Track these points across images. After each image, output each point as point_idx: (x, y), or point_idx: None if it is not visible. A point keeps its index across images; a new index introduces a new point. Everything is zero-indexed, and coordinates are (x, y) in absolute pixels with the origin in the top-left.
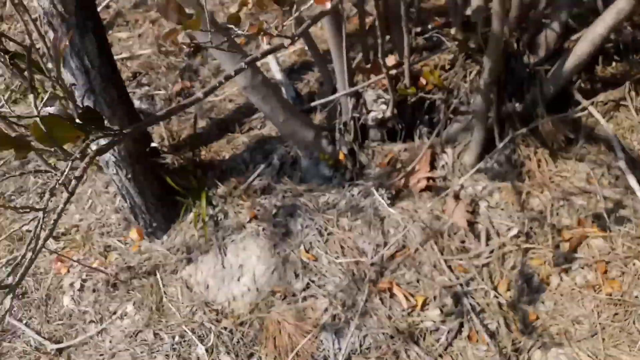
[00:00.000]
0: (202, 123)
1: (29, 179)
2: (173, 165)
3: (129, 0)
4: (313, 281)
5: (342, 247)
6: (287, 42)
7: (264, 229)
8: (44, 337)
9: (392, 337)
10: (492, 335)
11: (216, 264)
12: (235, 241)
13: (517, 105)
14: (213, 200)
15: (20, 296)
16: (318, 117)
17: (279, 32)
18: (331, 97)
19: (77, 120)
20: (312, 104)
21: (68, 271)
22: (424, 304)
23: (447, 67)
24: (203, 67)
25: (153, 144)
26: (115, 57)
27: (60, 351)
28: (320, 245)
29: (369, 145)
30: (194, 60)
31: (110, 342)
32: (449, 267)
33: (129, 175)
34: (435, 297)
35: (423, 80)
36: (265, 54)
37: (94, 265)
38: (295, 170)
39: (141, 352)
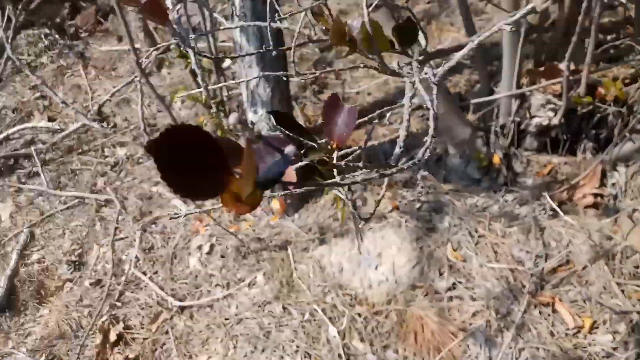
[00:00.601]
0: None
1: None
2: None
3: None
4: (460, 282)
5: (495, 252)
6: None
7: (406, 221)
8: (167, 293)
9: (555, 356)
10: None
11: (352, 248)
12: (373, 229)
13: None
14: (352, 187)
15: (146, 250)
16: (469, 118)
17: None
18: (495, 97)
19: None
20: (472, 101)
21: (204, 231)
22: (592, 326)
23: (627, 81)
24: (338, 60)
25: None
26: None
27: (182, 309)
28: (470, 247)
29: (522, 153)
30: (327, 53)
31: (236, 308)
32: (622, 291)
33: None
34: (605, 322)
35: (601, 91)
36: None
37: (231, 230)
38: (440, 168)
39: (268, 324)
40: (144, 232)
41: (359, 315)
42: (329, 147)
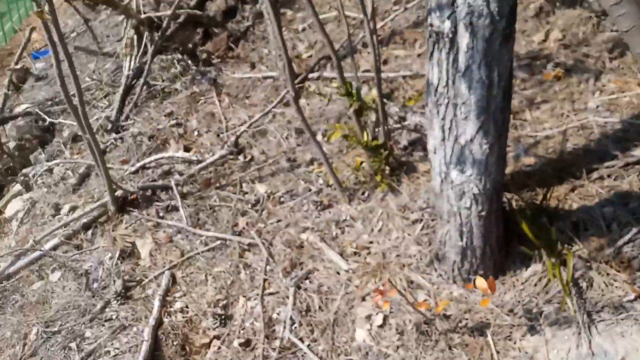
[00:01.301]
0: (526, 160)
1: (300, 183)
2: (509, 206)
3: (406, 20)
4: None
5: None
6: None
7: None
8: None
9: None
10: None
11: (579, 345)
12: (607, 322)
13: None
14: (567, 260)
15: (302, 312)
16: None
17: None
18: None
19: None
20: None
21: (387, 306)
22: None
23: None
24: None
25: None
26: (394, 74)
27: None
28: None
29: None
30: None
31: None
32: None
33: (483, 212)
34: None
35: None
36: None
37: (422, 309)
38: None
39: None
40: (297, 289)
41: None
42: None
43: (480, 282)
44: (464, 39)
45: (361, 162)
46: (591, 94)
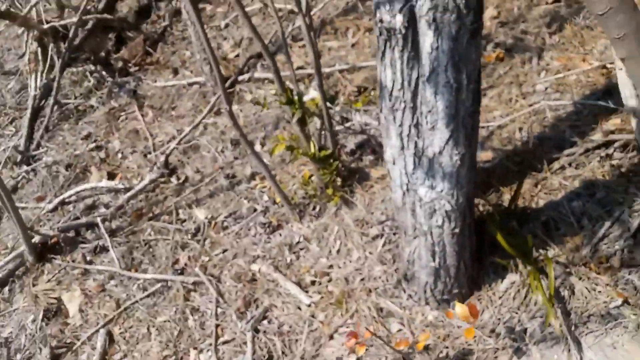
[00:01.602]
0: (484, 155)
1: (243, 203)
2: (478, 212)
3: (335, 7)
4: None
5: None
6: None
7: None
8: None
9: None
10: None
11: None
12: (595, 333)
13: None
14: (544, 267)
15: (263, 359)
16: None
17: None
18: None
19: None
20: None
21: (363, 350)
22: None
23: None
24: None
25: None
26: (330, 69)
27: None
28: None
29: None
30: None
31: None
32: None
33: (456, 229)
34: None
35: None
36: None
37: (400, 348)
38: None
39: None
40: (256, 332)
41: None
42: None
43: (461, 309)
44: (427, 39)
45: (310, 175)
46: (537, 74)
